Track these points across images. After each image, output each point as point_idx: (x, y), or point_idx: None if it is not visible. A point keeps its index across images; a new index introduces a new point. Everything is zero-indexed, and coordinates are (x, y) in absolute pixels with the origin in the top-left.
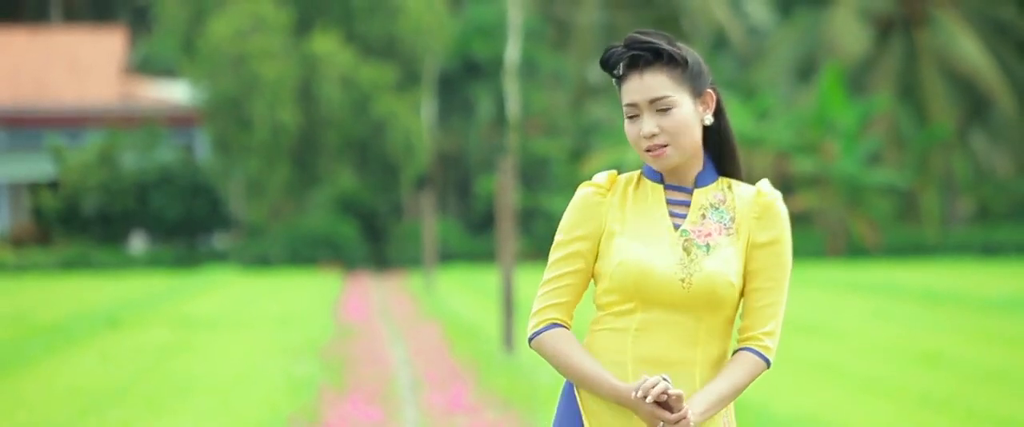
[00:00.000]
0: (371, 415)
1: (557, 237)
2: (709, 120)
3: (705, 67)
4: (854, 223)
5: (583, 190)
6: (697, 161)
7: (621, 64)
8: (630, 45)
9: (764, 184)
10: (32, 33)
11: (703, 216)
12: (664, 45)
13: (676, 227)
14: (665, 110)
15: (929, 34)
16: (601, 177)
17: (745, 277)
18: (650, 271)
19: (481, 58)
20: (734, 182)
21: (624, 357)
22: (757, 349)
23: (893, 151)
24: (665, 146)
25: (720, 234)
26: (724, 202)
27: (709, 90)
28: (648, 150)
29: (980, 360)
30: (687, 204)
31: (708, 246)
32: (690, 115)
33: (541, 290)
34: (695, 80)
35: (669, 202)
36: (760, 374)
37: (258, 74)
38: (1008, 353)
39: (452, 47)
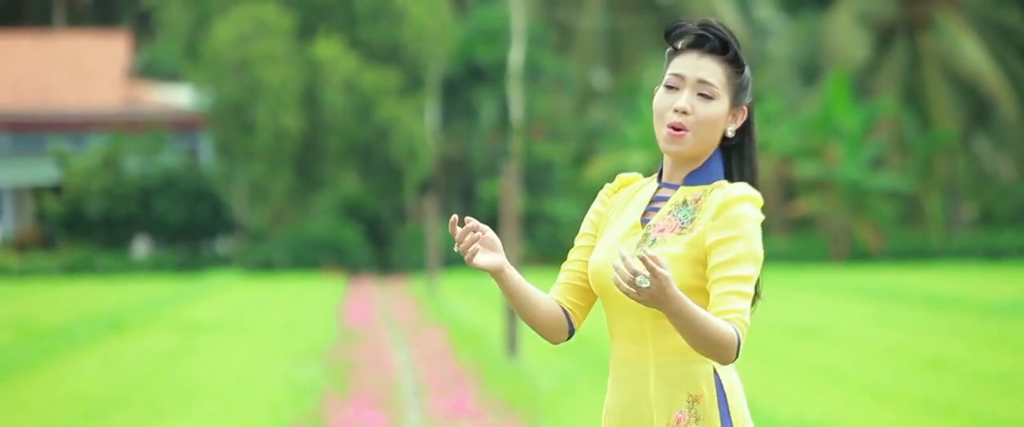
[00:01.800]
0: (374, 420)
1: None
2: (731, 132)
3: (751, 86)
4: (857, 227)
5: (601, 192)
6: (698, 163)
7: (685, 41)
8: (705, 27)
9: (735, 187)
10: (36, 38)
11: (669, 212)
12: (734, 42)
13: (644, 223)
14: (706, 97)
15: (932, 38)
16: (619, 177)
17: (703, 289)
18: (600, 268)
19: (485, 63)
20: (726, 185)
21: (612, 354)
22: (732, 323)
23: (896, 155)
24: (687, 130)
25: (672, 231)
26: (697, 201)
27: (744, 106)
28: (671, 126)
29: (983, 365)
30: (667, 200)
31: (654, 241)
32: (722, 116)
33: None
34: (740, 90)
35: (654, 199)
36: (726, 345)
37: (261, 79)
38: (1011, 357)
39: (455, 52)
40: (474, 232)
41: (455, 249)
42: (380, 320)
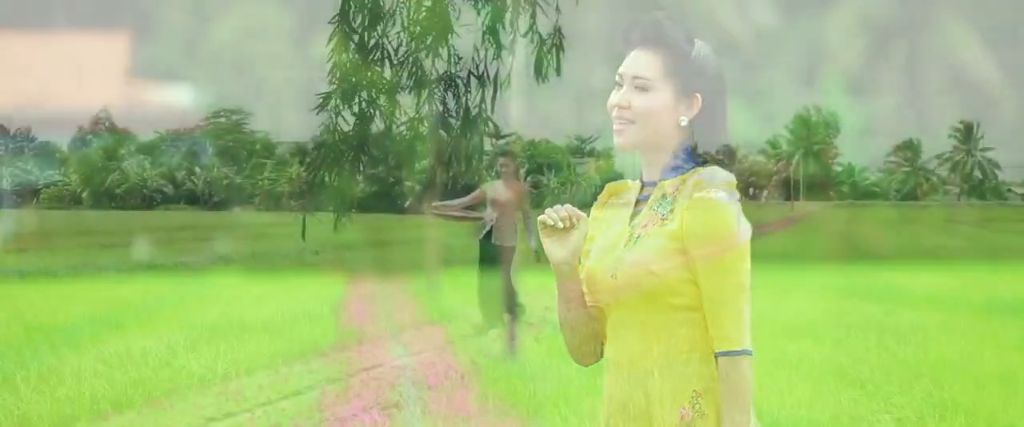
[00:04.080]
0: (373, 420)
1: None
2: (684, 122)
3: (710, 71)
4: (857, 227)
5: (592, 207)
6: (668, 156)
7: (632, 37)
8: (637, 21)
9: (707, 173)
10: (35, 38)
11: (651, 208)
12: (668, 30)
13: (630, 222)
14: (642, 89)
15: (931, 38)
16: (607, 187)
17: (694, 280)
18: (593, 271)
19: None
20: (702, 170)
21: (607, 358)
22: (728, 350)
23: (896, 155)
24: (630, 123)
25: (654, 225)
26: (676, 191)
27: (697, 94)
28: (616, 120)
29: (983, 365)
30: (649, 198)
31: (638, 238)
32: (665, 105)
33: None
34: (688, 76)
35: (639, 200)
36: (746, 366)
37: (260, 78)
38: (1011, 357)
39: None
40: (568, 220)
41: (547, 211)
42: (380, 319)
